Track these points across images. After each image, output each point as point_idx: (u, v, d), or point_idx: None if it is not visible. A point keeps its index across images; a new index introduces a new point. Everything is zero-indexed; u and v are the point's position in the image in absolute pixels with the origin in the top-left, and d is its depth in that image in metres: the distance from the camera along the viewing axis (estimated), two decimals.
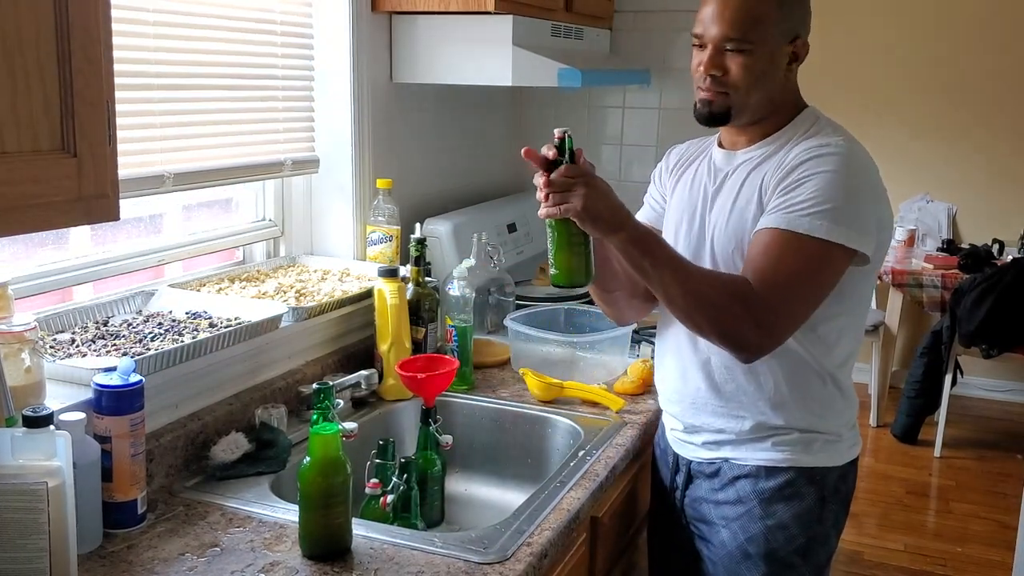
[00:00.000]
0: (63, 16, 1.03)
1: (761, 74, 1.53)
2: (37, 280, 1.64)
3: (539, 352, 2.12)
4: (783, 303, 1.45)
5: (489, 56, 2.25)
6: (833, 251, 1.45)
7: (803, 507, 1.60)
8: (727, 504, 1.64)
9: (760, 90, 1.54)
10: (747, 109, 1.56)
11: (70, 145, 1.06)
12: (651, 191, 1.82)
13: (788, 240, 1.45)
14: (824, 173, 1.47)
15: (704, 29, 1.54)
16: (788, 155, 1.53)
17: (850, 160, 1.49)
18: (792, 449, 1.59)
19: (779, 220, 1.47)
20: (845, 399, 1.64)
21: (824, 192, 1.45)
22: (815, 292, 1.48)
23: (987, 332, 4.07)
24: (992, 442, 4.58)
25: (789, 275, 1.45)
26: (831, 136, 1.54)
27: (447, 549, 1.36)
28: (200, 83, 1.85)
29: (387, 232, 2.23)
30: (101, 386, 1.36)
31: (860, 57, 5.12)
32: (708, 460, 1.67)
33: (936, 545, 3.56)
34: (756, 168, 1.57)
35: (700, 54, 1.56)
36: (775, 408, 1.58)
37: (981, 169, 5.03)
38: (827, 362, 1.59)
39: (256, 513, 1.46)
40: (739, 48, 1.51)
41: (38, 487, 1.15)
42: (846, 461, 1.65)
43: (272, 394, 1.80)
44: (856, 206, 1.47)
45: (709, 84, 1.54)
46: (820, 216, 1.44)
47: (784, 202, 1.47)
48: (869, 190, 1.51)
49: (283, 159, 2.11)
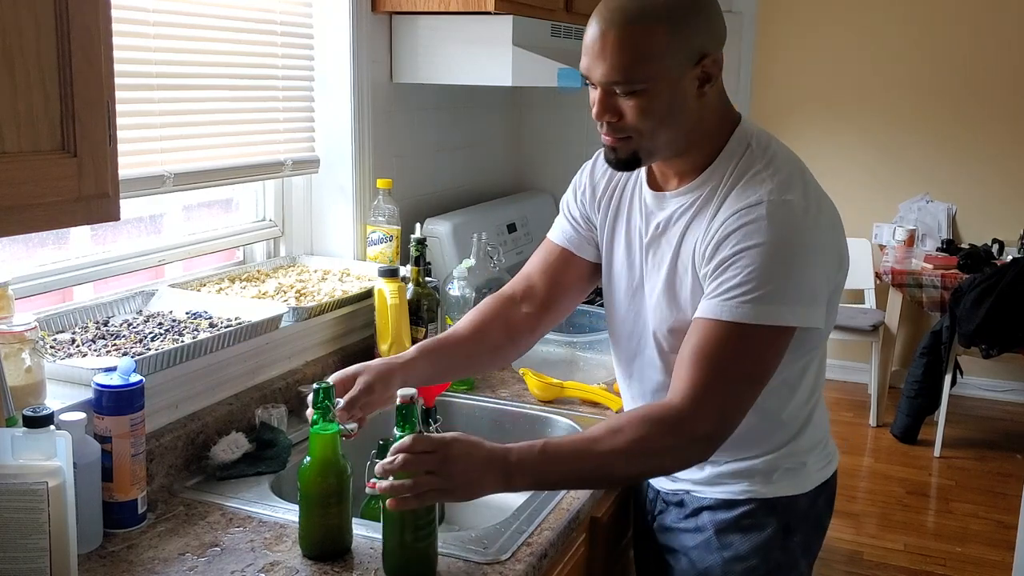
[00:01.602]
0: (63, 16, 1.03)
1: (665, 112, 1.33)
2: (37, 280, 1.64)
3: (539, 352, 2.12)
4: (723, 403, 1.34)
5: (489, 56, 2.25)
6: (777, 332, 1.33)
7: (763, 538, 1.51)
8: (688, 533, 1.57)
9: (667, 128, 1.35)
10: (657, 150, 1.39)
11: (70, 145, 1.06)
12: (570, 205, 1.64)
13: (726, 332, 1.32)
14: (756, 248, 1.31)
15: (588, 68, 1.34)
16: (717, 217, 1.36)
17: (783, 226, 1.32)
18: (750, 481, 1.51)
19: (714, 309, 1.33)
20: (811, 427, 1.54)
21: (758, 272, 1.30)
22: (760, 376, 1.37)
23: (987, 332, 4.07)
24: (992, 442, 4.57)
25: (727, 372, 1.34)
26: (763, 180, 1.35)
27: (447, 549, 1.36)
28: (200, 83, 1.85)
29: (387, 232, 2.23)
30: (101, 386, 1.36)
31: (860, 57, 5.12)
32: (672, 491, 1.61)
33: (936, 545, 3.56)
34: (689, 227, 1.42)
35: (592, 92, 1.37)
36: (734, 454, 1.49)
37: (981, 169, 5.02)
38: (791, 405, 1.49)
39: (256, 513, 1.46)
40: (630, 91, 1.31)
41: (38, 487, 1.15)
42: (814, 486, 1.54)
43: (272, 394, 1.80)
44: (796, 278, 1.33)
45: (607, 130, 1.37)
46: (757, 301, 1.30)
47: (718, 287, 1.33)
48: (806, 252, 1.34)
49: (283, 159, 2.11)
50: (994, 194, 5.02)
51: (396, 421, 1.27)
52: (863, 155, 5.14)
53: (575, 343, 2.12)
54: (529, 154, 3.12)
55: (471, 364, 1.64)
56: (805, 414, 1.53)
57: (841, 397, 5.08)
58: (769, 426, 1.49)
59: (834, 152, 5.13)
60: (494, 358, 1.68)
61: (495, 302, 1.63)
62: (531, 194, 3.04)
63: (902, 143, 5.10)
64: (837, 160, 5.11)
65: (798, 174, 1.40)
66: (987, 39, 4.93)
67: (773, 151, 1.41)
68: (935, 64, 5.02)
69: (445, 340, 1.59)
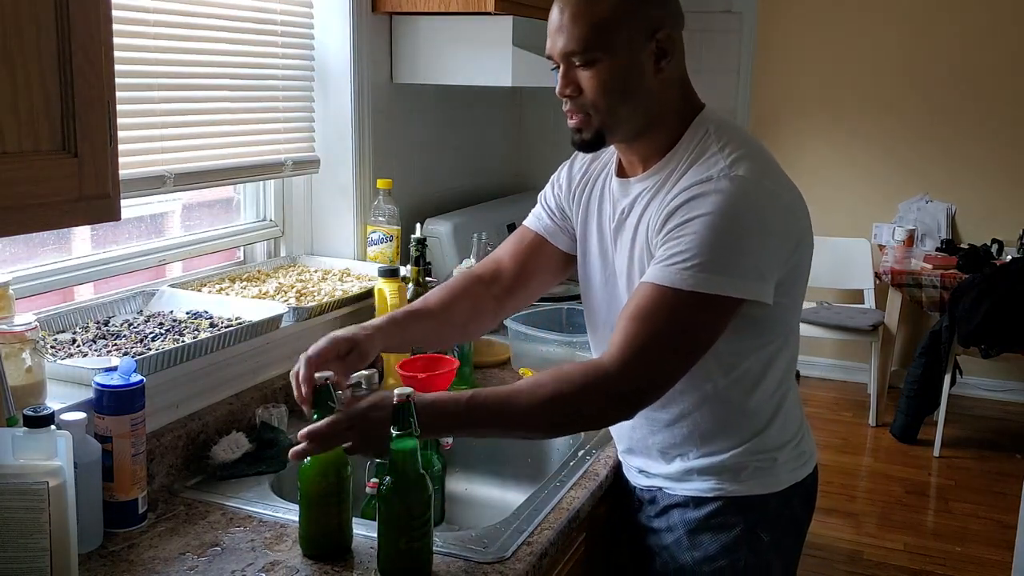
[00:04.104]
0: (63, 16, 1.03)
1: (621, 85, 1.38)
2: (38, 280, 1.64)
3: (539, 352, 2.12)
4: (650, 367, 1.35)
5: (489, 56, 2.25)
6: (712, 303, 1.32)
7: (730, 538, 1.50)
8: (661, 532, 1.57)
9: (626, 103, 1.39)
10: (619, 126, 1.42)
11: (71, 145, 1.07)
12: (547, 196, 1.68)
13: (663, 297, 1.33)
14: (702, 218, 1.32)
15: (550, 47, 1.40)
16: (669, 193, 1.39)
17: (731, 198, 1.33)
18: (718, 479, 1.50)
19: (656, 274, 1.35)
20: (783, 424, 1.53)
21: (701, 240, 1.32)
22: (692, 346, 1.36)
23: (986, 332, 4.07)
24: (992, 442, 4.58)
25: (659, 336, 1.34)
26: (716, 159, 1.38)
27: (447, 548, 1.36)
28: (200, 83, 1.85)
29: (387, 232, 2.23)
30: (102, 386, 1.37)
31: (860, 57, 5.12)
32: (646, 487, 1.61)
33: (936, 545, 3.56)
34: (647, 208, 1.44)
35: (556, 76, 1.43)
36: (705, 456, 1.50)
37: (980, 169, 5.03)
38: (756, 394, 1.48)
39: (256, 513, 1.47)
40: (586, 61, 1.36)
41: (39, 487, 1.15)
42: (786, 486, 1.52)
43: (272, 394, 1.80)
44: (739, 251, 1.33)
45: (569, 107, 1.42)
46: (697, 268, 1.31)
47: (663, 253, 1.35)
48: (755, 227, 1.35)
49: (283, 159, 2.11)
50: (994, 194, 5.02)
51: (392, 420, 1.26)
52: (862, 155, 5.14)
53: (574, 343, 2.12)
54: (529, 154, 3.13)
55: (437, 338, 1.67)
56: (772, 406, 1.51)
57: (841, 397, 5.08)
58: (735, 417, 1.48)
59: (834, 152, 5.13)
60: (458, 334, 1.72)
61: (464, 280, 1.67)
62: (531, 194, 3.02)
63: (901, 143, 5.10)
64: (837, 160, 5.12)
65: (757, 155, 1.40)
66: (987, 39, 4.93)
67: (731, 135, 1.42)
68: (934, 64, 5.02)
69: (414, 312, 1.61)
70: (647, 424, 1.53)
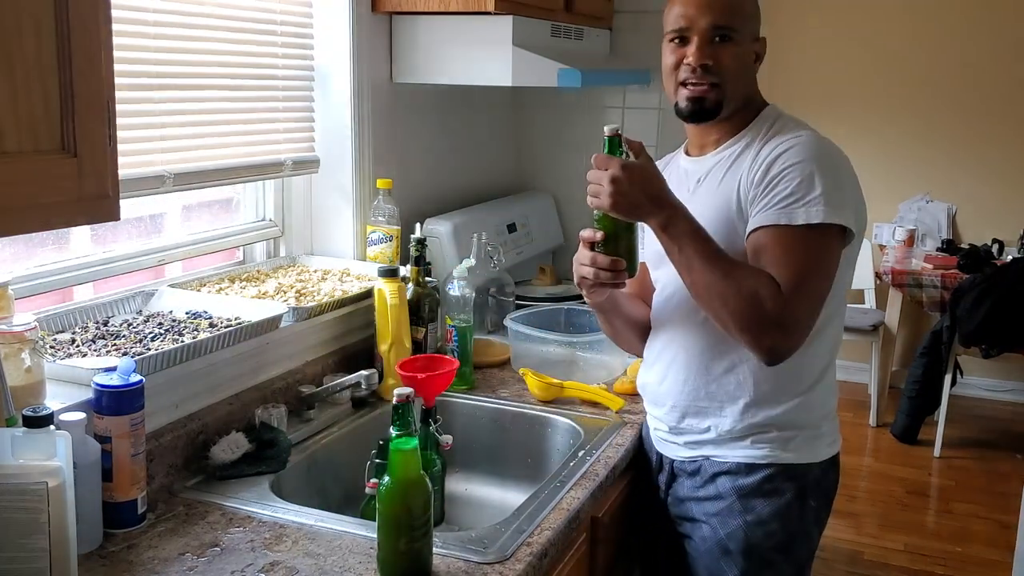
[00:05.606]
0: (63, 16, 1.03)
1: (746, 65, 1.60)
2: (37, 280, 1.64)
3: (539, 352, 2.12)
4: (801, 302, 1.45)
5: (489, 56, 2.25)
6: (830, 234, 1.48)
7: (782, 503, 1.60)
8: (708, 500, 1.64)
9: (742, 82, 1.60)
10: (733, 99, 1.59)
11: (70, 145, 1.06)
12: None
13: (788, 235, 1.46)
14: (803, 163, 1.49)
15: (690, 21, 1.56)
16: (760, 153, 1.55)
17: (822, 148, 1.53)
18: (771, 446, 1.60)
19: (773, 216, 1.48)
20: (826, 391, 1.65)
21: (808, 180, 1.47)
22: (824, 282, 1.49)
23: (987, 332, 4.07)
24: (992, 442, 4.58)
25: (799, 272, 1.45)
26: (796, 130, 1.57)
27: (447, 549, 1.36)
28: (200, 83, 1.85)
29: (387, 232, 2.23)
30: (101, 386, 1.37)
31: (860, 57, 5.12)
32: (690, 459, 1.67)
33: (936, 545, 3.56)
34: (730, 169, 1.59)
35: (681, 50, 1.58)
36: (757, 405, 1.59)
37: (980, 169, 5.03)
38: (808, 352, 1.55)
39: (256, 513, 1.46)
40: (728, 35, 1.55)
41: (38, 487, 1.15)
42: (825, 458, 1.65)
43: (272, 394, 1.80)
44: (840, 188, 1.50)
45: (701, 75, 1.56)
46: (813, 203, 1.46)
47: (772, 199, 1.49)
48: (846, 173, 1.55)
49: (283, 159, 2.11)
50: (994, 194, 5.02)
51: (392, 420, 1.26)
52: (863, 155, 5.10)
53: (575, 343, 2.12)
54: (529, 154, 3.12)
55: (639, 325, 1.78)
56: (820, 368, 1.62)
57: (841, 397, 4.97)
58: (786, 372, 1.54)
59: None
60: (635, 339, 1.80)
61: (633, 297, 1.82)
62: (531, 194, 3.04)
63: (902, 143, 5.10)
64: None
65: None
66: (987, 39, 4.93)
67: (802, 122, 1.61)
68: (935, 64, 5.02)
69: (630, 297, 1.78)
70: (703, 374, 1.62)
